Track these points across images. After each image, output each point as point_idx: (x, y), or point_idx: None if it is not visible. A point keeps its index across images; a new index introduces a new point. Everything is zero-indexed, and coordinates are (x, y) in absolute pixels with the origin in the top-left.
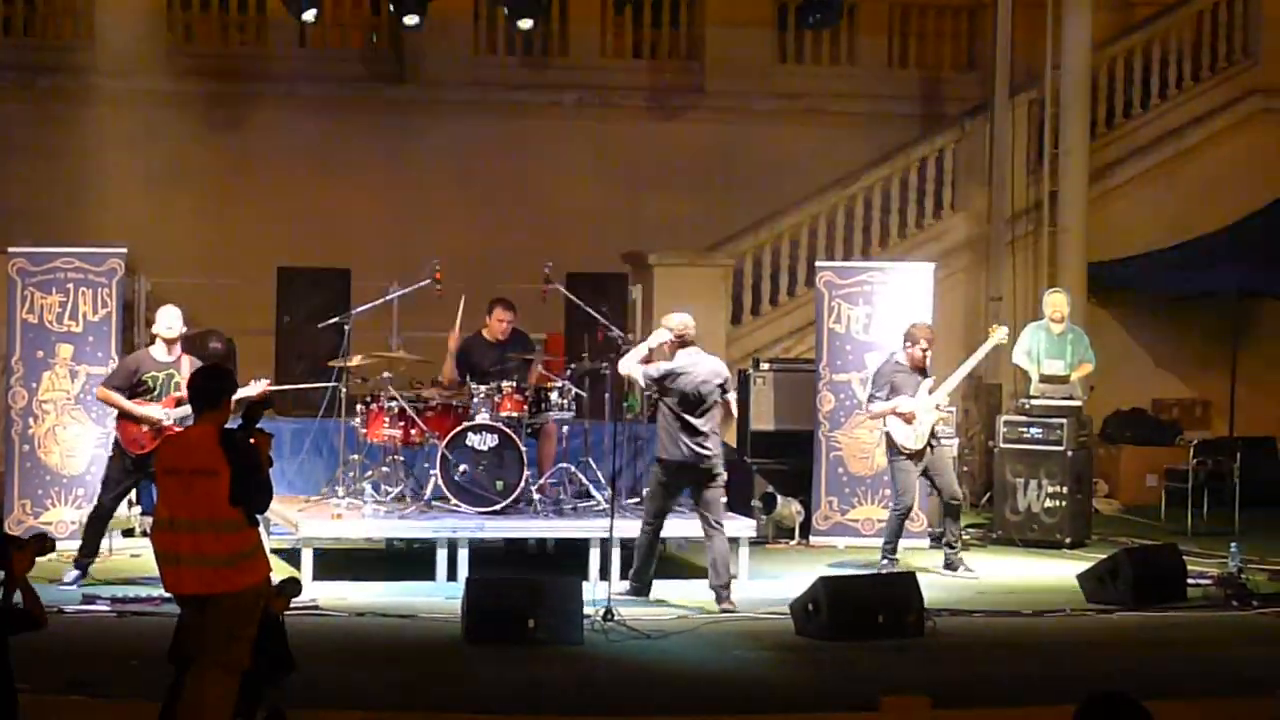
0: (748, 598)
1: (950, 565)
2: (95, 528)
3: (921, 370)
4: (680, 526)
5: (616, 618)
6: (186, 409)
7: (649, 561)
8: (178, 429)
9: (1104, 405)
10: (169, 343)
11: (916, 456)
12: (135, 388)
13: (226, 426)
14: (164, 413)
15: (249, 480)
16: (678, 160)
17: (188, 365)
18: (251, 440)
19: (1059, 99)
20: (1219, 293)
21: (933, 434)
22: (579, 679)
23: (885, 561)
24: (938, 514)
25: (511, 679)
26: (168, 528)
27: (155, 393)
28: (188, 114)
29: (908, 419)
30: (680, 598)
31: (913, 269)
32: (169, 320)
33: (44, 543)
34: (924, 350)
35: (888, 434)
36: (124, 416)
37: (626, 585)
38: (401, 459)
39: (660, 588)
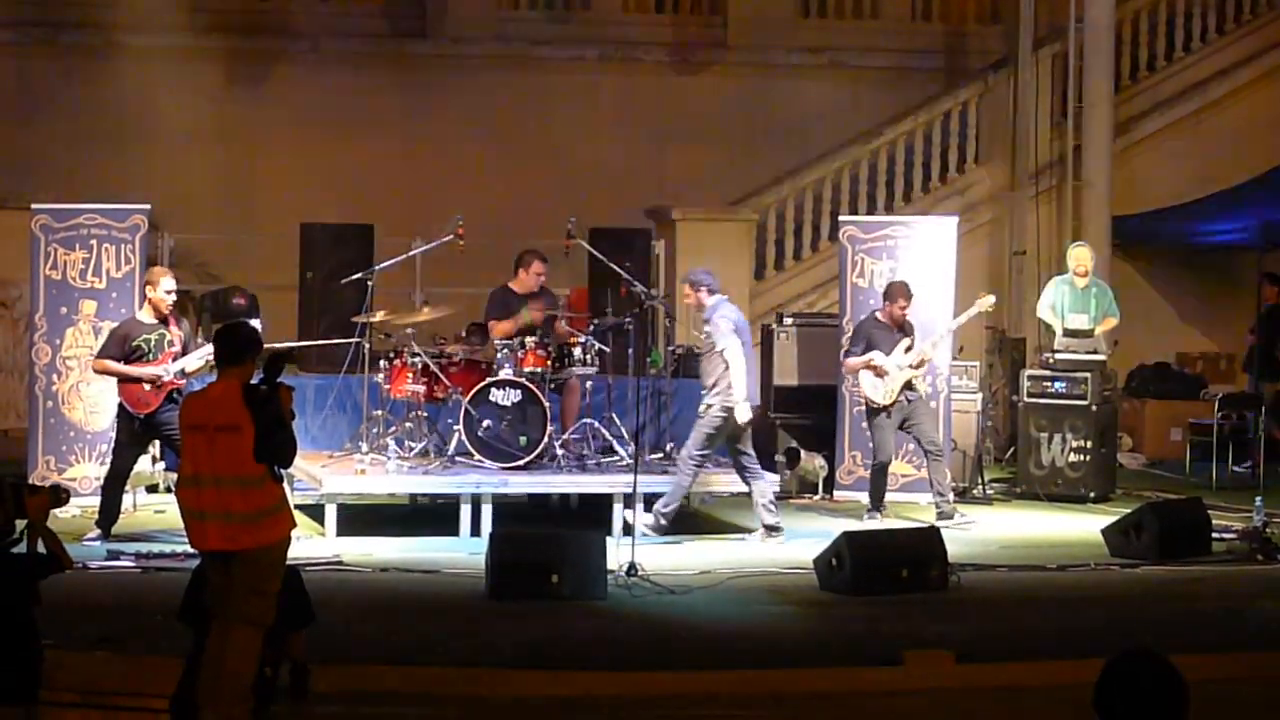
0: (771, 553)
1: (943, 515)
2: (112, 492)
3: (900, 327)
4: (705, 482)
5: (640, 573)
6: (184, 362)
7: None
8: (180, 382)
9: (1128, 359)
10: (159, 306)
11: (888, 411)
12: (130, 354)
13: (249, 382)
14: (163, 369)
15: (273, 435)
16: (701, 115)
17: (174, 324)
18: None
19: (1083, 52)
20: (1244, 246)
21: (909, 387)
22: (603, 634)
23: (871, 514)
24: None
25: (535, 634)
26: (192, 484)
27: (149, 355)
28: (211, 70)
29: (879, 373)
30: (705, 552)
31: (936, 223)
32: (167, 290)
33: (59, 493)
34: (902, 308)
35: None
36: (125, 380)
37: None
38: (425, 414)
39: (683, 543)
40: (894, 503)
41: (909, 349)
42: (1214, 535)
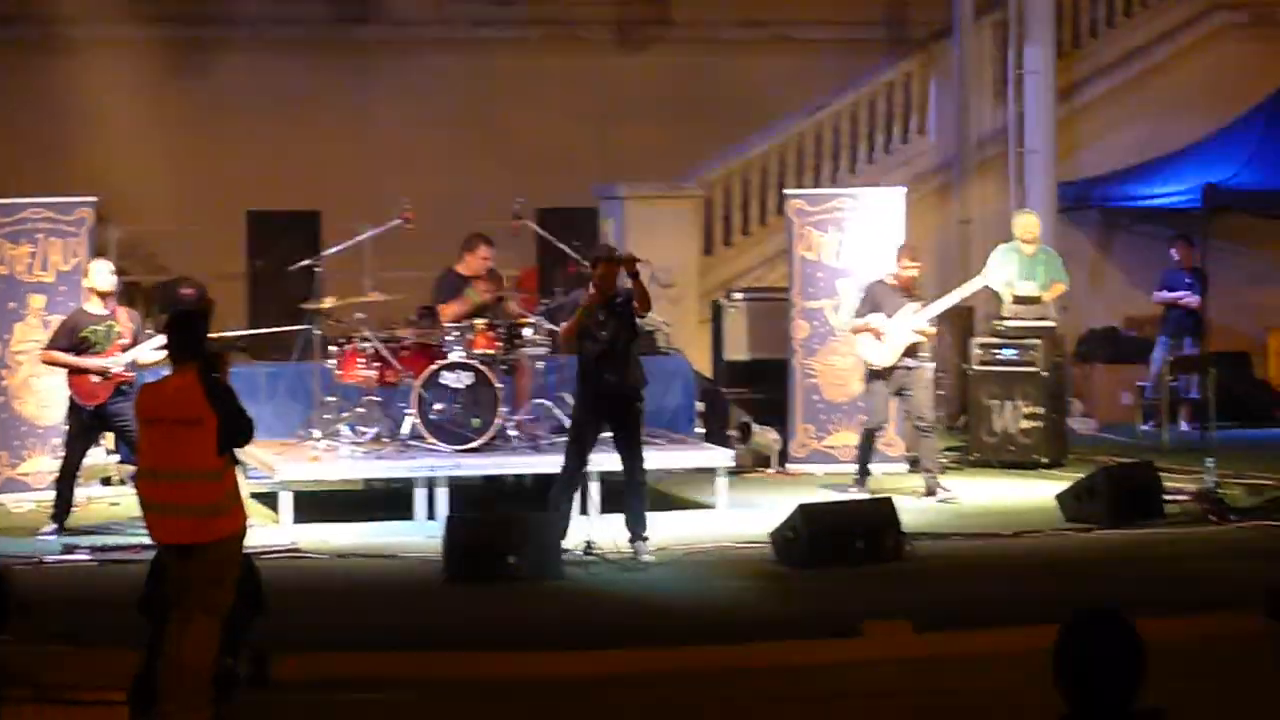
0: (727, 528)
1: (929, 491)
2: (65, 484)
3: (909, 291)
4: (659, 459)
5: (596, 550)
6: (133, 353)
7: None
8: (129, 374)
9: (1077, 324)
10: (104, 295)
11: (886, 375)
12: (79, 345)
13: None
14: (111, 360)
15: (237, 425)
16: (646, 92)
17: (124, 315)
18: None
19: (1024, 19)
20: (1187, 209)
21: (911, 354)
22: (561, 614)
23: (854, 484)
24: (914, 437)
25: (493, 616)
26: (151, 477)
27: (98, 346)
28: (153, 61)
29: (877, 335)
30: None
31: (882, 194)
32: (105, 273)
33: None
34: (906, 269)
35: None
36: (74, 372)
37: None
38: (377, 399)
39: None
40: (844, 474)
41: (915, 313)
42: (1166, 498)
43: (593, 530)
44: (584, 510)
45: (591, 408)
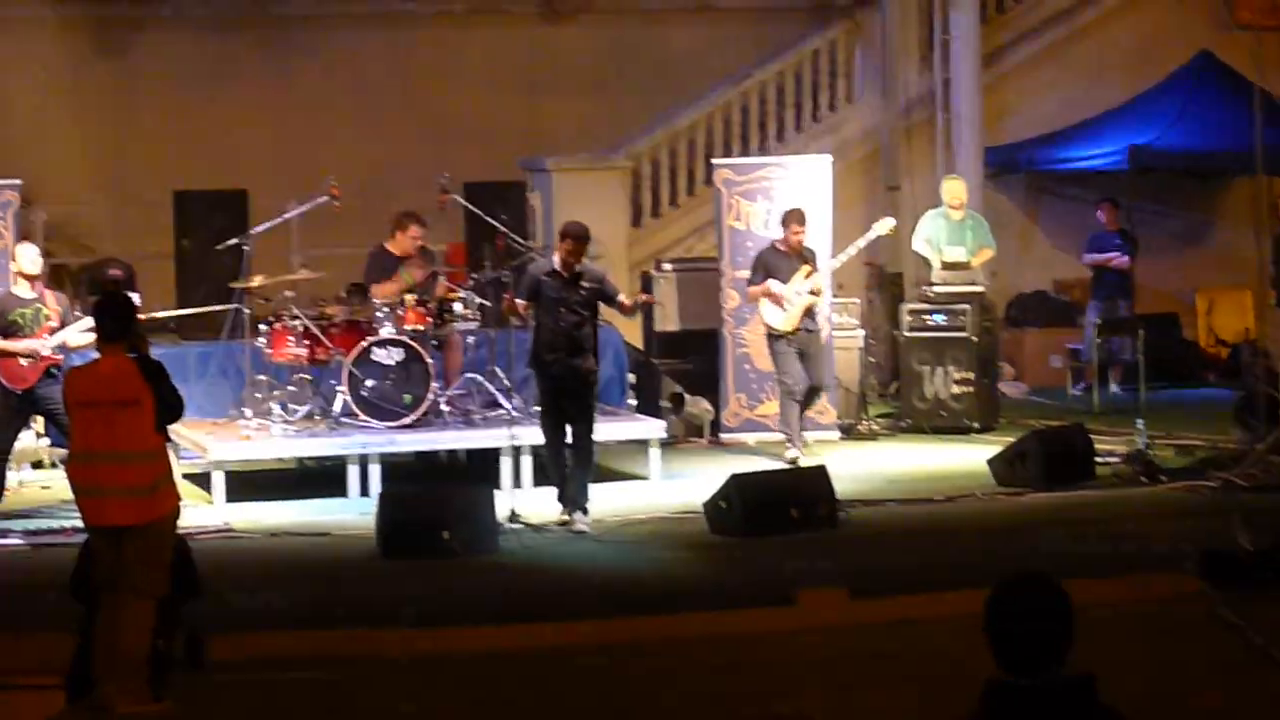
0: (660, 499)
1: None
2: None
3: (800, 255)
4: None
5: (521, 520)
6: (61, 336)
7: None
8: (58, 357)
9: (1007, 289)
10: (30, 279)
11: (789, 338)
12: (6, 329)
13: (135, 355)
14: (40, 343)
15: (172, 402)
16: (570, 64)
17: (51, 297)
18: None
19: None
20: (1113, 171)
21: (809, 315)
22: (496, 588)
23: (790, 448)
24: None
25: (428, 591)
26: (85, 460)
27: (26, 329)
28: (75, 40)
29: (776, 300)
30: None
31: (810, 162)
32: (30, 257)
33: None
34: (796, 234)
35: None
36: (2, 356)
37: None
38: (308, 377)
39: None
40: (777, 443)
41: (809, 275)
42: (1098, 460)
43: (515, 500)
44: (516, 483)
45: (550, 385)
